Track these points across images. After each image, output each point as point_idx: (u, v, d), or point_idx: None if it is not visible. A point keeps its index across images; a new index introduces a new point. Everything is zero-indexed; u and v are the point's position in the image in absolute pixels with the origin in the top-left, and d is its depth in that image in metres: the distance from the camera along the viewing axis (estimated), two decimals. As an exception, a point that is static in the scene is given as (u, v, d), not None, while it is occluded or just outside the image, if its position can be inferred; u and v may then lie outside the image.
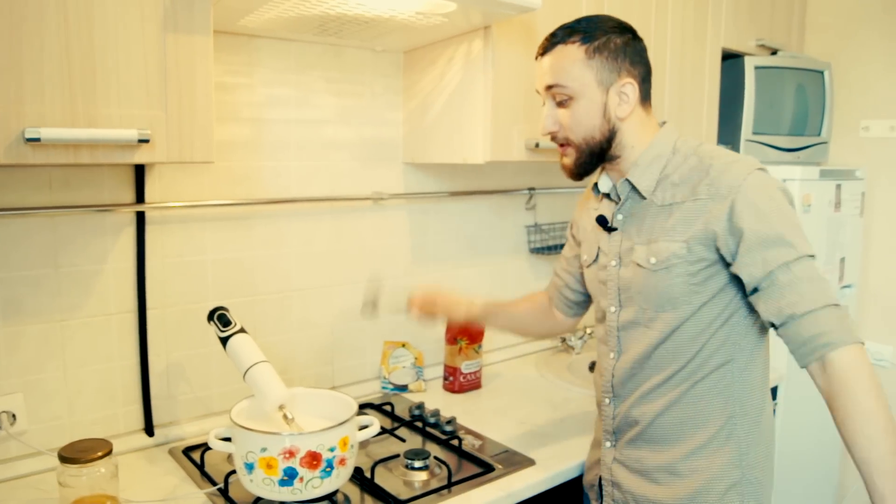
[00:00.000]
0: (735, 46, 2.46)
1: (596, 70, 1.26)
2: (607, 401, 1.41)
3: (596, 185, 1.43)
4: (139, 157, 1.20)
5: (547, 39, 1.31)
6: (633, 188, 1.32)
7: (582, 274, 1.53)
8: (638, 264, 1.30)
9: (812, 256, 1.16)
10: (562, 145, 1.34)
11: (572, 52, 1.27)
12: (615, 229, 1.35)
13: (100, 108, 1.15)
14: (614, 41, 1.27)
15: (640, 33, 1.34)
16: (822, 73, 2.66)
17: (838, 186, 2.45)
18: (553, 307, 1.66)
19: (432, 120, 1.90)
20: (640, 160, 1.30)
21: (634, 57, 1.29)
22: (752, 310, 1.25)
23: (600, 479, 1.45)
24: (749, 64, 2.45)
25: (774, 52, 2.63)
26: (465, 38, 1.74)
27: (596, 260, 1.42)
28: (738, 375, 1.28)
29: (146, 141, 1.18)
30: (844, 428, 1.13)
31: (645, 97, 1.32)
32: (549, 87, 1.30)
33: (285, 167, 1.81)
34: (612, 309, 1.37)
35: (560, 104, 1.30)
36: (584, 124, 1.29)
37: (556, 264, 1.64)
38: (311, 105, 1.84)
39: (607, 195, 1.39)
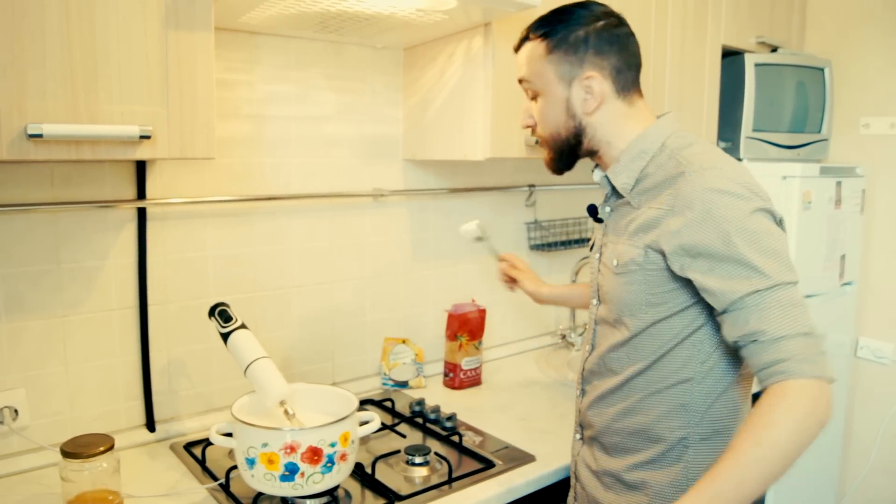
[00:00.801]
0: (735, 44, 2.46)
1: (555, 65, 1.22)
2: (578, 392, 1.39)
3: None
4: (140, 153, 1.20)
5: (521, 33, 1.29)
6: (612, 184, 1.26)
7: None
8: (606, 264, 1.26)
9: (789, 284, 1.05)
10: (539, 141, 1.32)
11: (535, 48, 1.24)
12: (601, 221, 1.32)
13: (101, 104, 1.15)
14: (576, 33, 1.20)
15: (640, 30, 1.30)
16: (822, 70, 2.66)
17: (839, 183, 2.45)
18: None
19: (432, 117, 1.90)
20: (622, 156, 1.23)
21: (603, 46, 1.20)
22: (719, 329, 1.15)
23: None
24: (749, 61, 2.45)
25: (774, 50, 2.63)
26: (466, 35, 1.75)
27: (591, 249, 1.39)
28: (699, 396, 1.19)
29: (147, 137, 1.18)
30: (743, 432, 1.03)
31: (624, 89, 1.23)
32: (521, 81, 1.30)
33: (286, 164, 1.81)
34: (594, 302, 1.33)
35: (532, 98, 1.29)
36: (549, 121, 1.26)
37: None
38: (312, 102, 1.84)
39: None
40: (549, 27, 1.23)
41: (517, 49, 1.30)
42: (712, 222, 1.07)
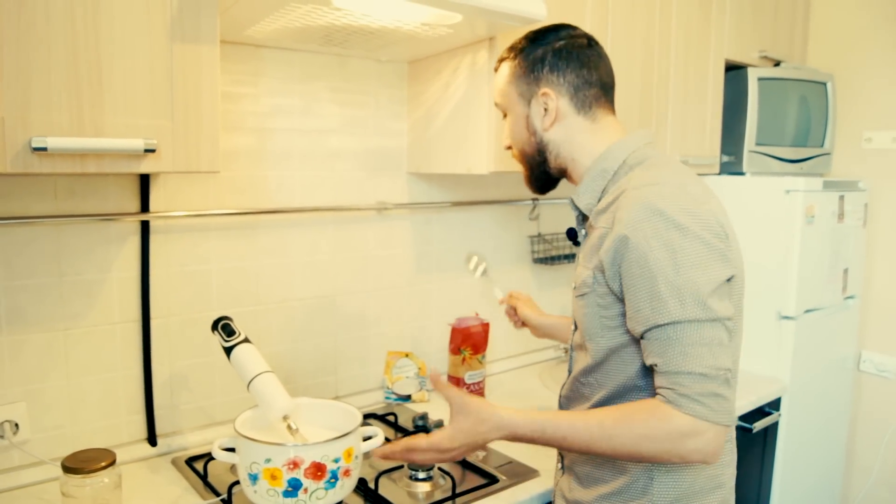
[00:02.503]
0: (738, 58, 2.47)
1: (515, 84, 1.27)
2: None
3: None
4: (145, 166, 1.20)
5: (501, 54, 1.34)
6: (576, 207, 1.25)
7: None
8: (573, 287, 1.24)
9: (700, 321, 1.02)
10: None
11: (504, 70, 1.30)
12: (578, 244, 1.31)
13: (106, 118, 1.15)
14: (535, 53, 1.25)
15: (644, 45, 1.32)
16: (824, 84, 2.67)
17: (841, 197, 2.45)
18: None
19: (436, 130, 1.90)
20: (585, 176, 1.23)
21: (559, 64, 1.22)
22: None
23: None
24: (752, 75, 2.45)
25: (777, 64, 2.64)
26: (470, 49, 1.75)
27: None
28: None
29: (152, 150, 1.18)
30: (604, 414, 1.09)
31: (585, 106, 1.23)
32: (496, 104, 1.35)
33: (290, 177, 1.81)
34: (573, 328, 1.28)
35: (504, 118, 1.33)
36: (516, 138, 1.31)
37: None
38: (316, 115, 1.84)
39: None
40: (516, 49, 1.28)
41: (496, 70, 1.34)
42: (634, 243, 1.06)
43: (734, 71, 2.48)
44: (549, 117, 1.24)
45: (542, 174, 1.31)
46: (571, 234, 1.33)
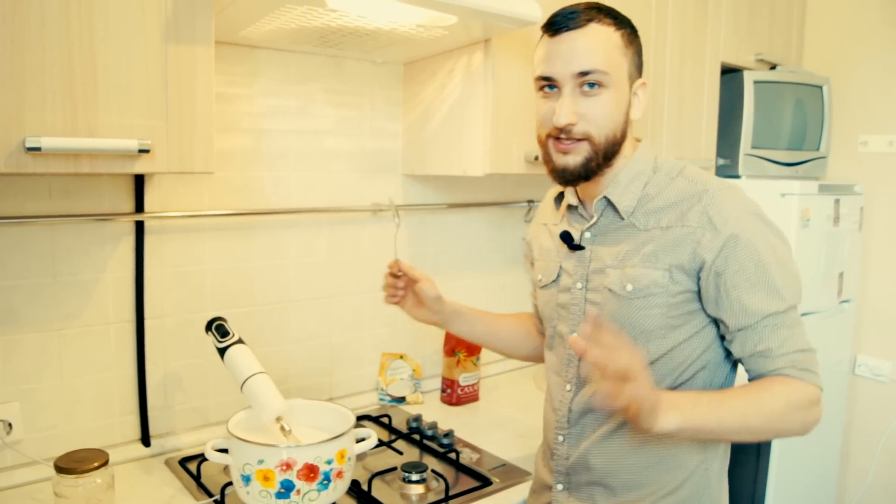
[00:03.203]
0: (734, 61, 2.47)
1: (629, 61, 1.14)
2: (561, 438, 1.27)
3: (558, 197, 1.32)
4: (139, 166, 1.20)
5: (567, 16, 1.11)
6: (610, 206, 1.20)
7: None
8: (610, 290, 1.17)
9: (797, 305, 1.14)
10: (577, 140, 1.13)
11: (611, 36, 1.11)
12: (582, 248, 1.23)
13: (100, 118, 1.15)
14: (638, 39, 1.17)
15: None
16: (820, 87, 2.67)
17: (837, 201, 2.45)
18: (538, 331, 1.52)
19: (432, 132, 1.90)
20: (620, 176, 1.18)
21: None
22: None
23: None
24: (748, 78, 2.46)
25: (773, 67, 2.64)
26: (466, 51, 1.75)
27: (556, 281, 1.29)
28: None
29: (146, 151, 1.18)
30: (748, 390, 1.10)
31: None
32: (584, 73, 1.10)
33: (285, 178, 1.81)
34: (575, 335, 1.23)
35: (586, 92, 1.11)
36: (611, 118, 1.13)
37: (531, 291, 1.51)
38: (311, 116, 1.84)
39: (573, 209, 1.28)
40: (617, 19, 1.14)
41: (568, 28, 1.11)
42: (744, 241, 1.10)
43: (730, 74, 2.49)
44: (640, 109, 1.18)
45: (604, 163, 1.16)
46: (568, 238, 1.25)
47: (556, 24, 1.12)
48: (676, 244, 1.12)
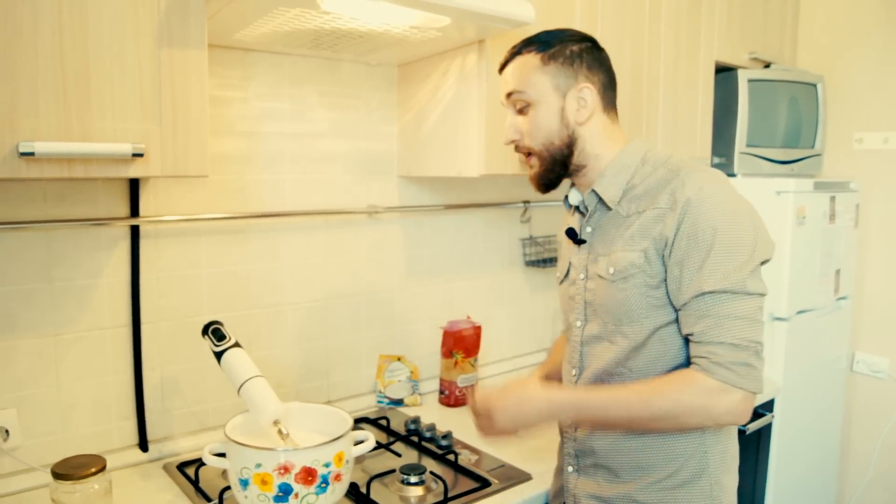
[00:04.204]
0: (728, 60, 2.48)
1: (552, 75, 1.26)
2: (569, 421, 1.35)
3: (566, 197, 1.39)
4: (134, 171, 1.20)
5: (508, 52, 1.32)
6: (600, 199, 1.28)
7: None
8: (600, 276, 1.26)
9: (739, 294, 1.11)
10: (527, 155, 1.32)
11: (529, 60, 1.27)
12: (584, 242, 1.32)
13: (94, 122, 1.15)
14: (570, 48, 1.26)
15: (634, 47, 1.35)
16: (815, 85, 2.67)
17: (832, 198, 2.45)
18: None
19: (427, 133, 1.90)
20: (606, 170, 1.27)
21: (593, 63, 1.27)
22: None
23: None
24: (742, 77, 2.46)
25: (767, 66, 2.64)
26: (460, 52, 1.75)
27: (567, 275, 1.38)
28: None
29: (140, 155, 1.17)
30: (641, 386, 1.17)
31: (608, 105, 1.30)
32: (509, 95, 1.30)
33: (280, 181, 1.81)
34: (579, 324, 1.32)
35: (520, 111, 1.30)
36: (542, 129, 1.27)
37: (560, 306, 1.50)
38: (306, 119, 1.84)
39: (577, 208, 1.36)
40: (541, 43, 1.27)
41: (504, 67, 1.32)
42: (694, 218, 1.13)
43: (724, 73, 2.49)
44: (587, 110, 1.26)
45: (562, 170, 1.30)
46: (572, 234, 1.33)
47: (501, 63, 1.34)
48: (650, 226, 1.19)
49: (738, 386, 1.10)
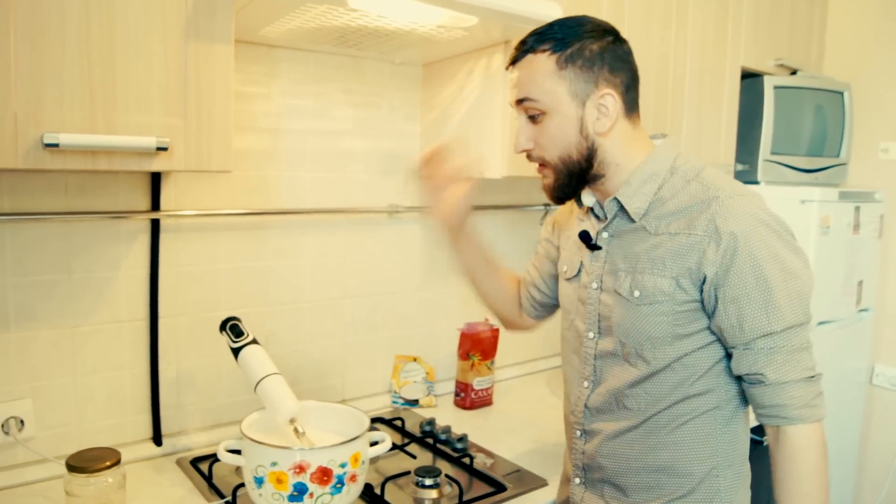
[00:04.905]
0: (754, 66, 2.45)
1: (569, 81, 1.12)
2: (578, 433, 1.28)
3: (579, 197, 1.27)
4: (157, 164, 1.19)
5: (516, 48, 1.17)
6: (622, 208, 1.18)
7: (550, 277, 1.44)
8: (620, 294, 1.17)
9: (802, 325, 1.08)
10: (540, 165, 1.20)
11: (542, 63, 1.13)
12: (599, 248, 1.22)
13: (119, 115, 1.14)
14: (590, 47, 1.12)
15: (660, 51, 1.28)
16: (841, 93, 2.64)
17: (857, 208, 2.42)
18: (520, 298, 1.53)
19: (450, 133, 1.89)
20: (632, 178, 1.16)
21: (615, 63, 1.14)
22: None
23: None
24: (768, 83, 2.43)
25: (794, 72, 2.62)
26: (485, 53, 1.74)
27: (577, 276, 1.28)
28: (725, 423, 1.17)
29: (164, 149, 1.17)
30: (782, 497, 1.12)
31: (631, 108, 1.17)
32: (520, 102, 1.17)
33: (301, 178, 1.80)
34: (591, 335, 1.24)
35: (532, 119, 1.17)
36: (558, 142, 1.15)
37: (532, 258, 1.52)
38: (329, 116, 1.83)
39: (591, 209, 1.26)
40: (557, 40, 1.13)
41: (513, 64, 1.18)
42: (749, 259, 1.06)
43: (750, 79, 2.46)
44: (609, 119, 1.14)
45: (578, 183, 1.19)
46: (586, 238, 1.24)
47: (509, 58, 1.19)
48: (683, 252, 1.10)
49: (822, 418, 1.10)
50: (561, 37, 1.13)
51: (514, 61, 1.18)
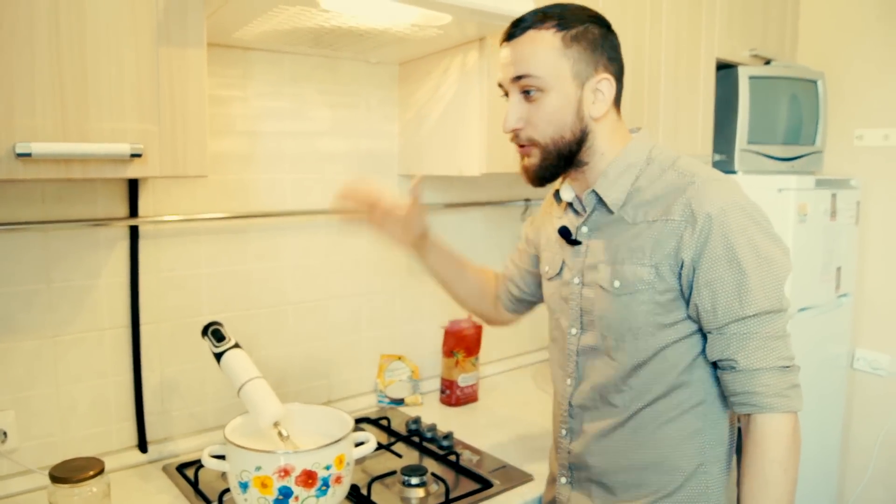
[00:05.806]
0: (729, 56, 2.47)
1: (573, 61, 1.12)
2: (564, 432, 1.29)
3: (557, 192, 1.30)
4: (132, 171, 1.19)
5: (513, 24, 1.15)
6: (600, 201, 1.19)
7: (529, 274, 1.46)
8: (601, 286, 1.17)
9: (777, 312, 1.08)
10: (524, 146, 1.18)
11: (547, 39, 1.11)
12: (579, 243, 1.23)
13: (92, 122, 1.14)
14: (593, 31, 1.13)
15: (635, 44, 1.29)
16: (815, 82, 2.66)
17: (833, 195, 2.44)
18: (497, 293, 1.55)
19: (428, 132, 1.89)
20: (609, 170, 1.17)
21: (611, 52, 1.15)
22: None
23: None
24: (743, 74, 2.45)
25: (768, 62, 2.63)
26: (461, 50, 1.74)
27: (560, 274, 1.28)
28: (712, 419, 1.17)
29: (139, 155, 1.16)
30: (745, 484, 1.10)
31: (618, 99, 1.19)
32: (518, 78, 1.14)
33: (280, 180, 1.80)
34: (574, 331, 1.24)
35: (527, 97, 1.14)
36: (554, 121, 1.14)
37: (511, 254, 1.54)
38: (306, 117, 1.83)
39: (570, 205, 1.27)
40: (561, 19, 1.12)
41: (509, 40, 1.15)
42: (724, 238, 1.07)
43: (725, 70, 2.48)
44: (605, 104, 1.15)
45: (564, 165, 1.18)
46: (566, 233, 1.25)
47: (506, 34, 1.16)
48: (661, 239, 1.11)
49: (795, 409, 1.08)
50: (564, 16, 1.13)
51: (510, 37, 1.15)
